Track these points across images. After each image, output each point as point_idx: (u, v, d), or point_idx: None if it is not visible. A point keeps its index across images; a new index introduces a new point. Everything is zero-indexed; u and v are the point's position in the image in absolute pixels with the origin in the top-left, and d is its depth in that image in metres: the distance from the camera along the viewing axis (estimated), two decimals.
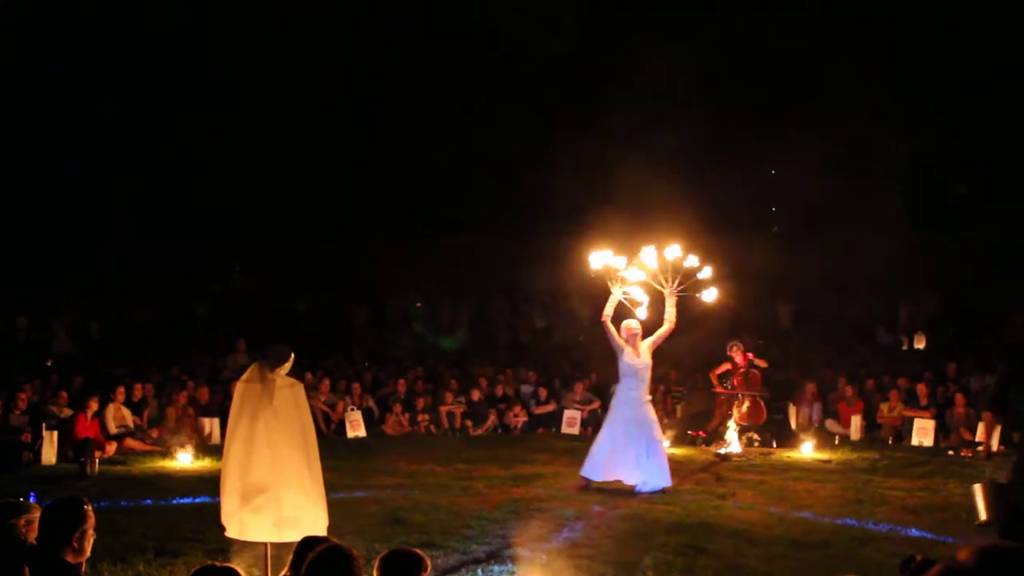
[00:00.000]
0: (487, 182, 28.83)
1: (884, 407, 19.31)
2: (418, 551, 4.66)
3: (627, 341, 13.68)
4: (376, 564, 4.61)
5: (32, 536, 5.79)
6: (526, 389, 21.17)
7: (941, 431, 18.30)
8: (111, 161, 27.15)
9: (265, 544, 8.14)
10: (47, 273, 24.88)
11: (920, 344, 24.03)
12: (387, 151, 28.76)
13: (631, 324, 13.71)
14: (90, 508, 5.67)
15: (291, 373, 8.43)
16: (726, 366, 18.57)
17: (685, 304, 14.16)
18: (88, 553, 5.58)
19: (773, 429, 18.53)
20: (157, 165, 27.75)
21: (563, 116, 28.82)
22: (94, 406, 16.56)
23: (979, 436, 17.16)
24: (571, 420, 19.96)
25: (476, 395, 20.36)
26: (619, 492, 13.17)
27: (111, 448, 16.35)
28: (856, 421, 19.09)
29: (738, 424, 17.63)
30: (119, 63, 26.85)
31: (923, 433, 18.19)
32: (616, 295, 13.63)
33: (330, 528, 8.20)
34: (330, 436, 18.42)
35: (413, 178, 28.93)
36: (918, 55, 25.44)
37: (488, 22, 25.87)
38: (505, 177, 28.54)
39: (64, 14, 26.67)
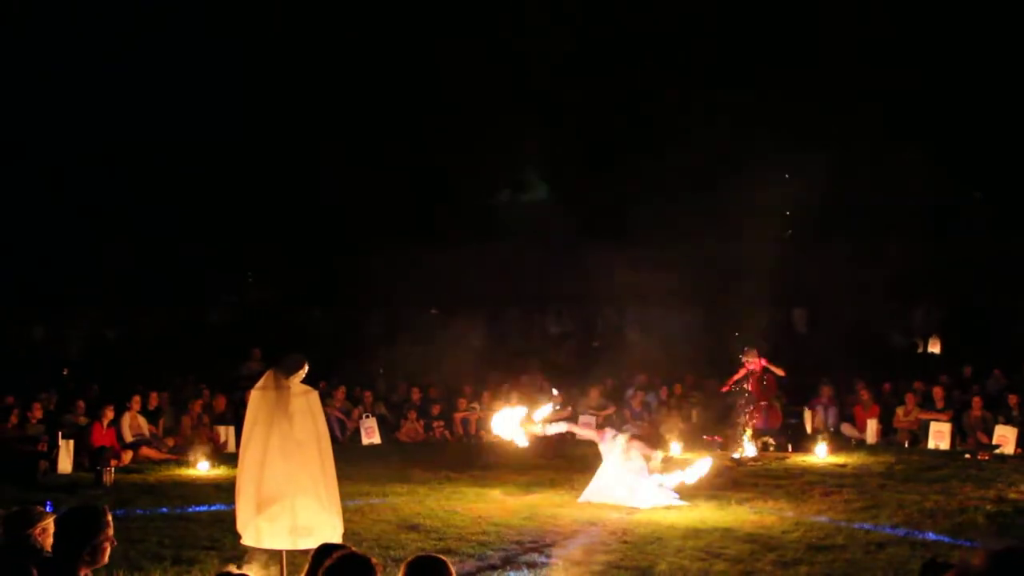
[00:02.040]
0: (500, 189, 28.89)
1: (900, 411, 19.25)
2: (442, 557, 4.66)
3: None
4: (402, 570, 4.62)
5: (47, 543, 5.79)
6: (541, 396, 21.14)
7: (958, 434, 18.22)
8: (124, 170, 27.25)
9: (281, 552, 8.16)
10: (63, 283, 24.98)
11: (935, 348, 23.95)
12: (399, 158, 28.78)
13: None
14: (109, 517, 5.57)
15: (305, 381, 8.45)
16: (742, 372, 18.54)
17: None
18: (104, 562, 5.55)
19: (788, 433, 18.49)
20: (168, 175, 27.82)
21: (574, 124, 28.83)
22: (110, 415, 16.59)
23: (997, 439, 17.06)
24: (586, 426, 19.92)
25: (499, 405, 20.31)
26: None
27: (127, 456, 16.40)
28: (872, 425, 19.02)
29: (754, 429, 17.59)
30: (121, 79, 26.99)
31: (939, 436, 18.11)
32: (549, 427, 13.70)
33: (346, 535, 8.21)
34: (345, 443, 18.44)
35: (427, 185, 29.00)
36: (932, 59, 25.37)
37: (506, 26, 25.93)
38: (518, 184, 28.59)
39: (67, 19, 26.75)
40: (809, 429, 19.36)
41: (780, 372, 18.58)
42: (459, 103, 27.76)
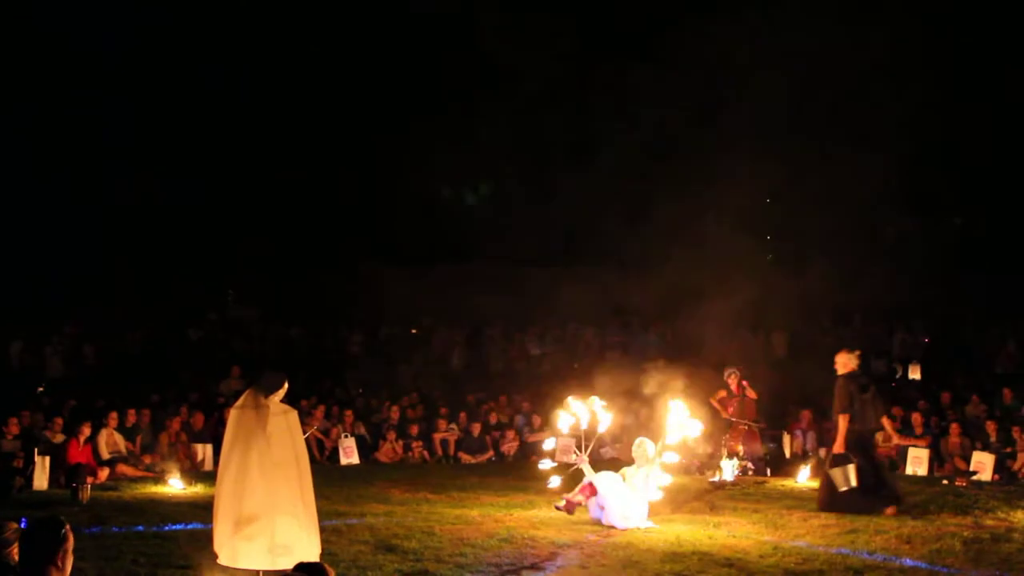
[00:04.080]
0: (483, 210, 28.92)
1: (879, 436, 19.27)
2: None
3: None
4: None
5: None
6: (520, 417, 21.12)
7: (935, 460, 18.26)
8: (109, 189, 27.22)
9: (257, 572, 8.12)
10: (41, 298, 24.86)
11: (915, 374, 24.04)
12: (382, 178, 28.82)
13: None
14: (69, 528, 5.68)
15: (285, 400, 8.43)
16: (722, 393, 18.60)
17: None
18: (68, 572, 5.58)
19: (767, 457, 18.50)
20: (155, 191, 27.77)
21: (558, 146, 28.91)
22: (86, 431, 16.51)
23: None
24: (565, 448, 19.87)
25: (476, 429, 20.28)
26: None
27: (103, 474, 16.30)
28: None
29: (732, 452, 17.59)
30: (117, 95, 26.96)
31: (917, 462, 18.16)
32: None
33: (323, 555, 8.18)
34: (323, 463, 18.39)
35: (409, 206, 29.02)
36: (918, 84, 25.52)
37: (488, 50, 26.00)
38: (501, 205, 28.65)
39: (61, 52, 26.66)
40: (788, 454, 19.38)
41: (753, 395, 18.65)
42: (446, 126, 27.85)
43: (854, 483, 13.75)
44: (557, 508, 13.15)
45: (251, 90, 28.39)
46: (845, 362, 14.53)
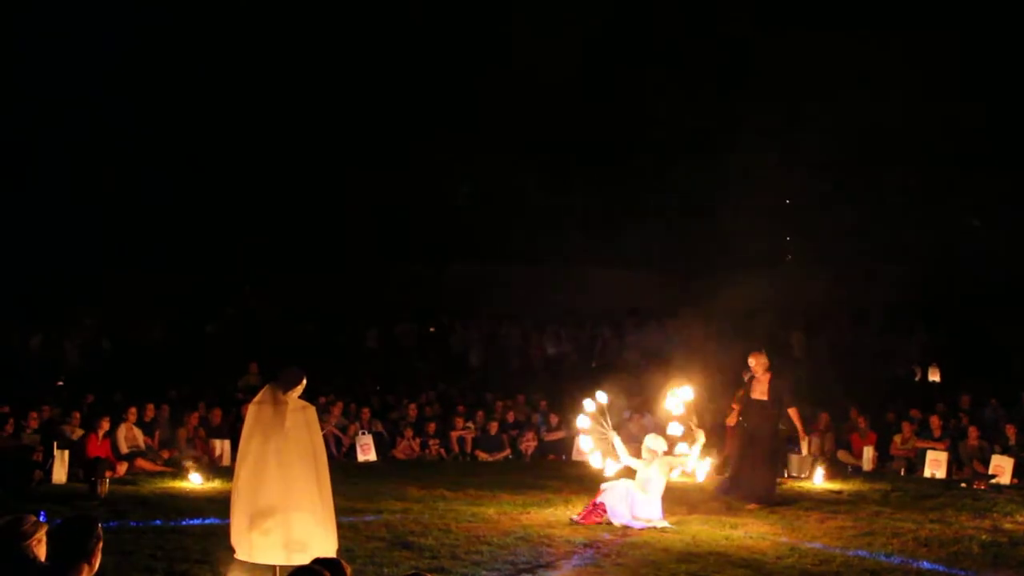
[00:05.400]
0: (499, 208, 28.94)
1: (897, 438, 19.19)
2: None
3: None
4: None
5: (41, 553, 5.78)
6: (537, 415, 21.11)
7: (954, 463, 18.17)
8: (127, 185, 27.32)
9: (274, 567, 8.14)
10: (61, 292, 24.97)
11: (935, 376, 23.93)
12: (398, 176, 28.85)
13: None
14: (100, 526, 5.74)
15: (303, 396, 8.45)
16: (740, 392, 18.50)
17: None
18: (96, 568, 5.63)
19: (784, 459, 18.41)
20: (170, 188, 27.87)
21: (574, 145, 28.89)
22: (106, 426, 16.56)
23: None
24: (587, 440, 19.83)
25: (494, 427, 20.26)
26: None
27: (122, 468, 16.36)
28: (868, 452, 18.95)
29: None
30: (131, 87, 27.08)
31: (936, 465, 18.05)
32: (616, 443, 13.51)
33: (339, 551, 8.20)
34: (341, 460, 18.42)
35: (426, 203, 29.04)
36: (933, 83, 25.46)
37: (502, 49, 25.99)
38: (517, 204, 28.65)
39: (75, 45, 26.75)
40: (805, 454, 19.28)
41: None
42: (455, 118, 27.85)
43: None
44: (573, 520, 13.06)
45: (251, 90, 28.42)
46: (764, 362, 15.07)
